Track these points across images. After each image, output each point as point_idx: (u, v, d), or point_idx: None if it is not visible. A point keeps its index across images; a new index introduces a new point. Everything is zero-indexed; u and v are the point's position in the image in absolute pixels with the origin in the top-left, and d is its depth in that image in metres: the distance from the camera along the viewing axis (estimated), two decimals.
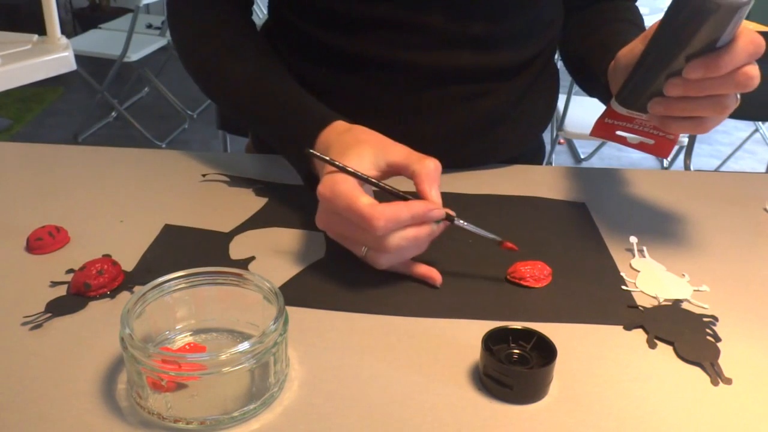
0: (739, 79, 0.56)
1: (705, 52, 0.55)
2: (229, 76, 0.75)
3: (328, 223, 0.58)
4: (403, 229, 0.55)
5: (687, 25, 0.55)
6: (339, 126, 0.65)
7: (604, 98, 0.75)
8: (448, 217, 0.58)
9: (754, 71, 0.56)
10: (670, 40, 0.57)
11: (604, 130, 0.68)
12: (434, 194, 0.57)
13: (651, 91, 0.61)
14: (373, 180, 0.58)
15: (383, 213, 0.53)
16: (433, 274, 0.59)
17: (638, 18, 0.85)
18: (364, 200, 0.54)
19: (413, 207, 0.55)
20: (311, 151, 0.59)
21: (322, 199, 0.57)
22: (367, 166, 0.58)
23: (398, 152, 0.60)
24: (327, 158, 0.58)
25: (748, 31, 0.56)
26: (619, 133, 0.68)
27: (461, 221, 0.59)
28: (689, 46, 0.56)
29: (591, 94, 0.83)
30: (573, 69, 0.87)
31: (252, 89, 0.73)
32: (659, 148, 0.68)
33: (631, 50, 0.63)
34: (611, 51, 0.70)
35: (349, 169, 0.57)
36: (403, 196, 0.58)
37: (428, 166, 0.58)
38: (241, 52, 0.76)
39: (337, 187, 0.56)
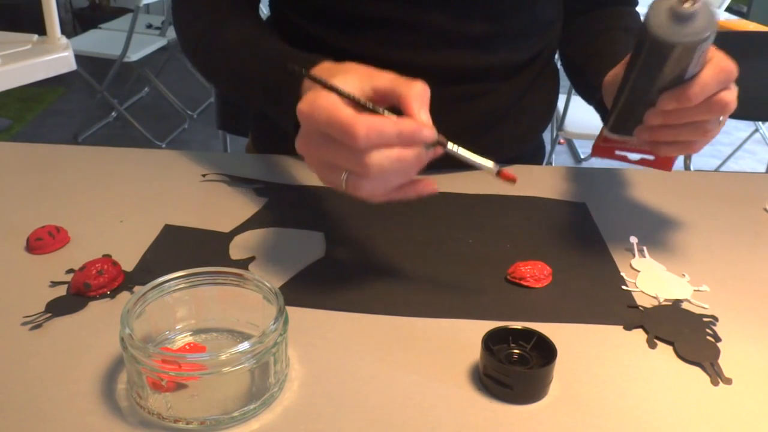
0: (713, 106, 0.56)
1: (675, 83, 0.56)
2: (221, 42, 0.74)
3: (307, 145, 0.53)
4: (388, 148, 0.49)
5: (650, 63, 0.56)
6: (327, 64, 0.60)
7: (600, 112, 0.75)
8: (440, 143, 0.52)
9: (729, 97, 0.56)
10: (638, 76, 0.58)
11: (602, 151, 0.69)
12: (423, 115, 0.52)
13: (635, 119, 0.61)
14: (358, 98, 0.51)
15: (366, 122, 0.47)
16: (426, 183, 0.54)
17: (638, 24, 0.85)
18: (346, 110, 0.49)
19: (401, 123, 0.49)
20: (309, 73, 0.54)
21: (300, 117, 0.51)
22: (352, 90, 0.52)
23: (384, 77, 0.54)
24: (315, 76, 0.52)
25: (718, 58, 0.56)
26: (618, 152, 0.68)
27: (454, 147, 0.53)
28: (657, 80, 0.56)
29: (589, 103, 0.83)
30: (571, 77, 0.88)
31: (242, 49, 0.72)
32: (660, 162, 0.68)
33: (615, 76, 0.63)
34: (606, 63, 0.70)
35: (336, 87, 0.51)
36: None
37: (416, 88, 0.52)
38: (236, 20, 0.76)
39: (317, 101, 0.50)
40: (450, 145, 0.52)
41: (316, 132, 0.51)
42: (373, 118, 0.48)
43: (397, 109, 0.52)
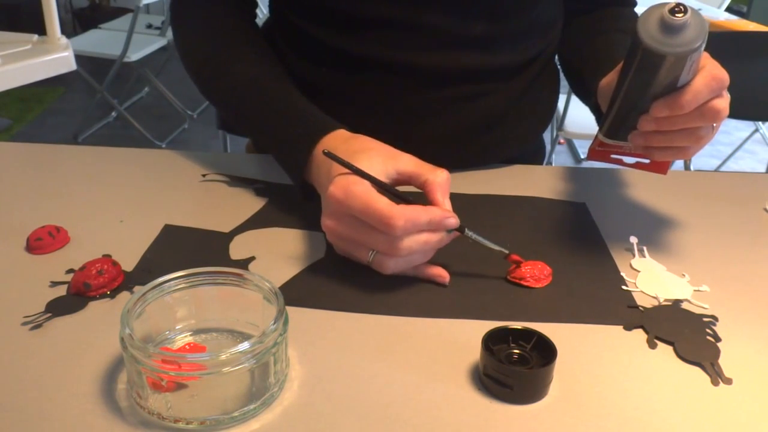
0: (706, 114, 0.57)
1: (668, 91, 0.56)
2: (229, 76, 0.75)
3: (337, 226, 0.57)
4: (417, 233, 0.55)
5: (642, 72, 0.56)
6: (342, 133, 0.64)
7: (595, 115, 0.75)
8: (459, 228, 0.58)
9: (721, 104, 0.57)
10: (631, 84, 0.58)
11: (598, 155, 0.69)
12: (447, 204, 0.58)
13: (629, 125, 0.61)
14: (386, 184, 0.57)
15: (403, 213, 0.53)
16: (441, 272, 0.59)
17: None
18: (381, 200, 0.54)
19: (431, 212, 0.55)
20: (328, 151, 0.58)
21: (332, 200, 0.56)
22: (378, 172, 0.57)
23: (408, 161, 0.60)
24: (341, 159, 0.57)
25: (711, 66, 0.57)
26: (613, 156, 0.68)
27: (471, 233, 0.59)
28: (649, 88, 0.57)
29: (586, 105, 0.84)
30: (569, 78, 0.88)
31: (252, 91, 0.72)
32: (656, 165, 0.68)
33: (609, 81, 0.64)
34: (603, 66, 0.70)
35: (364, 171, 0.56)
36: (416, 203, 0.57)
37: (441, 176, 0.58)
38: (243, 53, 0.76)
39: (352, 187, 0.55)
40: (467, 231, 0.58)
41: (349, 216, 0.56)
42: (408, 209, 0.54)
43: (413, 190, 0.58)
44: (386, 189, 0.57)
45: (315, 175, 0.63)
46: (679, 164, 2.64)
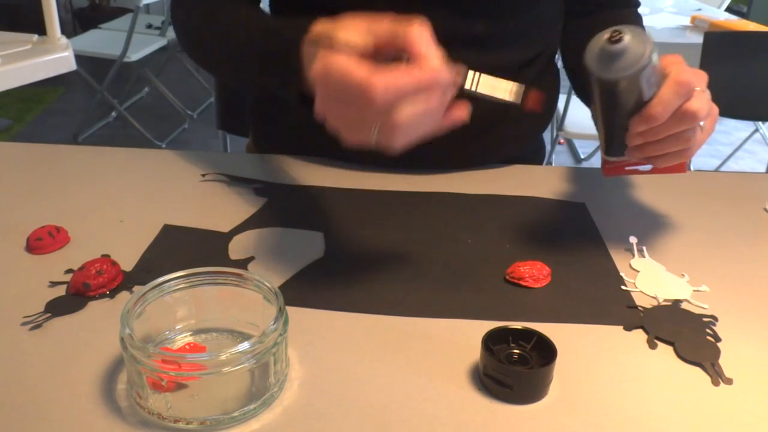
0: (683, 118, 0.57)
1: (639, 106, 0.58)
2: (218, 21, 0.73)
3: (327, 108, 0.51)
4: (412, 100, 0.48)
5: (603, 98, 0.58)
6: (321, 25, 0.57)
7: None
8: (456, 81, 0.51)
9: (694, 106, 0.57)
10: (601, 109, 0.60)
11: (612, 171, 0.70)
12: (432, 56, 0.49)
13: (620, 142, 0.62)
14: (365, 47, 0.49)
15: (383, 80, 0.46)
16: (455, 113, 0.52)
17: (641, 28, 0.85)
18: (360, 69, 0.47)
19: (415, 72, 0.47)
20: (306, 30, 0.53)
21: (316, 81, 0.50)
22: (359, 37, 0.50)
23: (381, 26, 0.51)
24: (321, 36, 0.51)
25: (675, 71, 0.57)
26: (627, 168, 0.69)
27: (472, 81, 0.52)
28: (618, 110, 0.58)
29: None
30: (575, 83, 0.88)
31: (239, 28, 0.70)
32: (671, 167, 0.68)
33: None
34: None
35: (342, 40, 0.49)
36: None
37: (414, 28, 0.50)
38: (233, 5, 0.74)
39: (330, 60, 0.48)
40: (468, 81, 0.51)
41: (333, 93, 0.49)
42: (388, 74, 0.46)
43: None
44: (373, 54, 0.49)
45: (308, 74, 0.57)
46: None
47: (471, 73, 0.51)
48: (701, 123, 0.60)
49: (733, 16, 2.58)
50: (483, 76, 0.52)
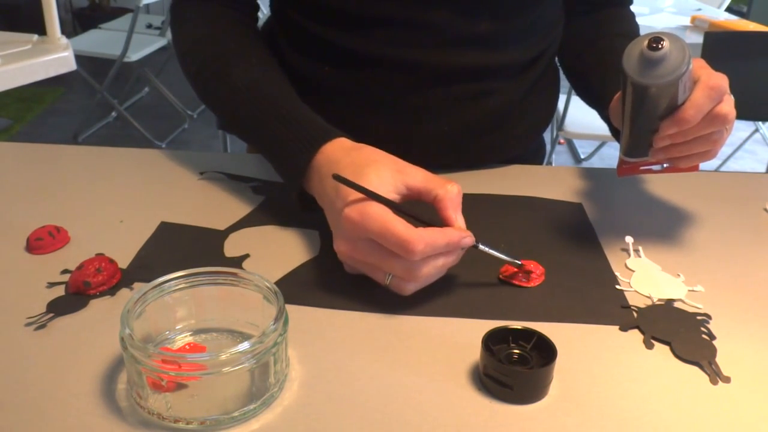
0: (714, 121, 0.59)
1: (670, 110, 0.59)
2: (229, 79, 0.72)
3: (353, 250, 0.55)
4: (435, 257, 0.54)
5: (637, 102, 0.59)
6: (344, 142, 0.62)
7: (609, 126, 0.76)
8: (474, 245, 0.57)
9: (725, 109, 0.59)
10: (632, 112, 0.61)
11: (627, 171, 0.70)
12: (460, 219, 0.56)
13: (645, 144, 0.63)
14: (400, 206, 0.55)
15: (422, 238, 0.51)
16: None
17: (634, 28, 0.87)
18: (399, 224, 0.52)
19: (448, 234, 0.54)
20: (338, 175, 0.56)
21: (347, 223, 0.54)
22: (388, 189, 0.56)
23: (417, 174, 0.58)
24: (352, 182, 0.55)
25: (706, 76, 0.59)
26: (642, 168, 0.69)
27: (484, 247, 0.58)
28: (651, 114, 0.59)
29: (592, 108, 0.85)
30: (574, 83, 0.89)
31: (252, 94, 0.70)
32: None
33: (618, 100, 0.65)
34: (609, 75, 0.73)
35: (377, 194, 0.54)
36: (431, 224, 0.56)
37: (452, 191, 0.56)
38: (244, 57, 0.74)
39: (368, 209, 0.53)
40: (480, 246, 0.58)
41: (365, 239, 0.54)
42: (426, 233, 0.52)
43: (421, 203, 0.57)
44: (401, 210, 0.55)
45: (316, 185, 0.62)
46: None
47: (481, 245, 0.58)
48: (727, 126, 0.61)
49: (733, 16, 2.58)
50: (489, 248, 0.58)
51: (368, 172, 0.56)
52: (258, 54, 0.76)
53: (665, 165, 0.69)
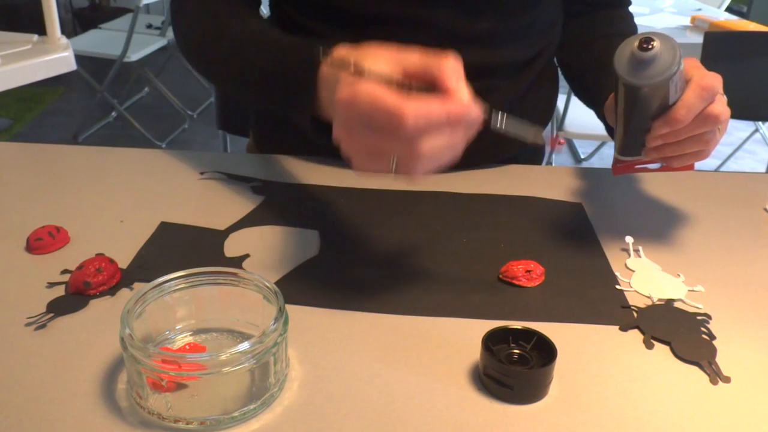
0: (706, 120, 0.59)
1: (663, 109, 0.59)
2: (229, 34, 0.72)
3: (349, 135, 0.50)
4: (438, 133, 0.48)
5: (629, 102, 0.60)
6: (343, 49, 0.56)
7: (605, 125, 0.76)
8: (485, 119, 0.50)
9: (717, 109, 0.59)
10: (625, 112, 0.61)
11: (622, 169, 0.70)
12: (463, 91, 0.49)
13: (638, 143, 0.64)
14: (396, 79, 0.49)
15: (415, 108, 0.46)
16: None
17: (632, 29, 0.87)
18: (391, 96, 0.47)
19: (448, 104, 0.47)
20: (325, 51, 0.52)
21: (340, 105, 0.49)
22: (389, 69, 0.50)
23: (412, 58, 0.51)
24: (346, 60, 0.50)
25: (698, 76, 0.59)
26: (638, 166, 0.69)
27: (498, 120, 0.51)
28: (643, 113, 0.60)
29: (590, 108, 0.84)
30: (571, 82, 0.89)
31: (251, 42, 0.69)
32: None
33: (611, 105, 0.65)
34: (605, 75, 0.72)
35: (370, 70, 0.49)
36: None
37: (448, 63, 0.50)
38: (242, 18, 0.73)
39: (358, 86, 0.48)
40: (494, 120, 0.51)
41: (358, 120, 0.49)
42: (420, 102, 0.46)
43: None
44: (399, 85, 0.49)
45: (324, 97, 0.58)
46: None
47: (496, 112, 0.51)
48: (720, 126, 0.61)
49: (733, 16, 2.58)
50: (507, 115, 0.51)
51: (367, 57, 0.51)
52: (255, 15, 0.76)
53: (662, 164, 0.69)
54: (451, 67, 0.50)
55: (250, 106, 1.00)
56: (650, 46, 0.56)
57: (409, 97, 0.47)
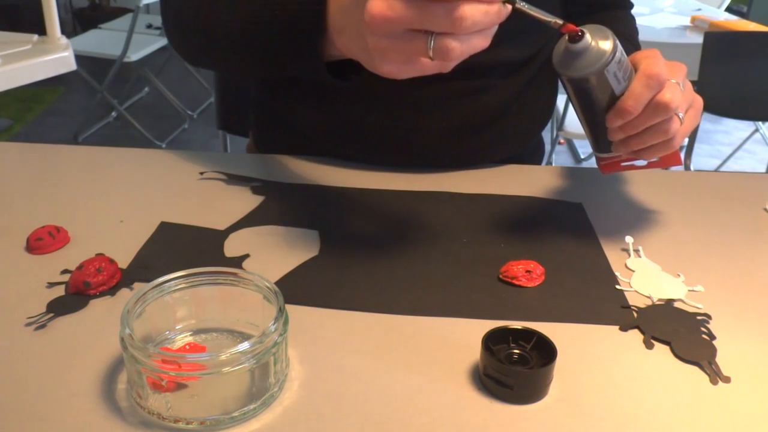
0: (657, 109, 0.58)
1: (613, 101, 0.59)
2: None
3: (388, 8, 0.48)
4: (476, 7, 0.47)
5: (575, 95, 0.60)
6: None
7: None
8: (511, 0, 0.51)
9: (666, 97, 0.58)
10: (577, 106, 0.62)
11: (608, 167, 0.70)
12: None
13: (604, 138, 0.63)
14: None
15: None
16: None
17: (632, 29, 0.87)
18: None
19: None
20: None
21: (376, 18, 0.48)
22: None
23: None
24: None
25: (644, 65, 0.58)
26: (624, 164, 0.69)
27: (522, 3, 0.52)
28: (592, 106, 0.60)
29: None
30: None
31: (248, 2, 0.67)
32: (667, 159, 0.69)
33: None
34: None
35: None
36: None
37: None
38: None
39: None
40: (518, 2, 0.52)
41: (404, 20, 0.48)
42: None
43: None
44: None
45: (337, 22, 0.57)
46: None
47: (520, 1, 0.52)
48: (680, 114, 0.60)
49: (733, 16, 2.58)
50: (529, 6, 0.53)
51: None
52: None
53: (647, 161, 0.69)
54: None
55: (257, 74, 0.93)
56: (579, 38, 0.56)
57: None
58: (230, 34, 0.71)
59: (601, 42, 0.56)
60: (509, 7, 0.52)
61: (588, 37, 0.56)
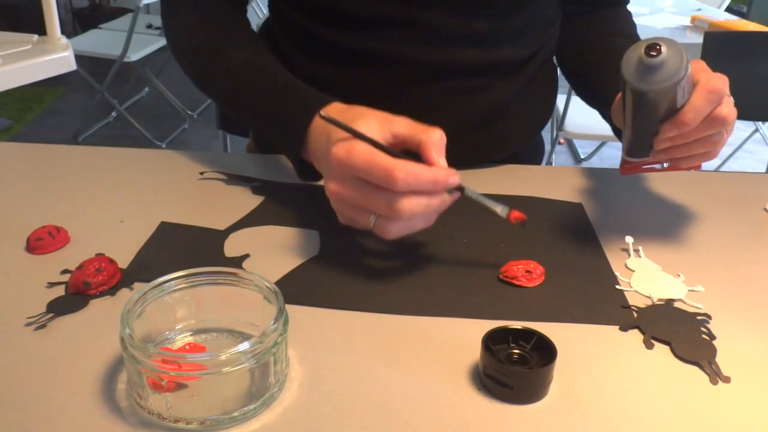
0: (714, 123, 0.60)
1: (671, 113, 0.59)
2: (223, 59, 0.74)
3: (341, 188, 0.56)
4: (419, 194, 0.54)
5: (637, 106, 0.60)
6: (338, 105, 0.64)
7: (611, 126, 0.76)
8: (459, 188, 0.57)
9: (724, 111, 0.59)
10: (633, 116, 0.62)
11: (630, 170, 0.70)
12: (443, 163, 0.56)
13: (646, 145, 0.64)
14: (385, 146, 0.56)
15: (405, 167, 0.52)
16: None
17: (631, 27, 0.87)
18: (385, 156, 0.53)
19: (434, 171, 0.54)
20: (325, 114, 0.57)
21: (335, 161, 0.55)
22: (375, 136, 0.56)
23: (402, 123, 0.58)
24: (340, 122, 0.56)
25: (705, 79, 0.59)
26: (645, 166, 0.70)
27: (471, 192, 0.58)
28: (651, 117, 0.60)
29: (593, 108, 0.85)
30: (574, 83, 0.89)
31: (247, 71, 0.72)
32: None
33: (618, 107, 0.65)
34: (609, 76, 0.74)
35: (363, 134, 0.55)
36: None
37: (434, 135, 0.57)
38: (237, 38, 0.76)
39: (354, 146, 0.54)
40: (467, 191, 0.57)
41: (351, 176, 0.55)
42: (411, 164, 0.53)
43: (414, 154, 0.56)
44: (386, 150, 0.55)
45: (314, 148, 0.63)
46: None
47: (468, 189, 0.58)
48: (726, 128, 0.61)
49: (733, 16, 2.58)
50: (476, 193, 0.59)
51: (357, 123, 0.57)
52: (249, 35, 0.78)
53: (666, 164, 0.69)
54: (436, 140, 0.57)
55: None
56: (657, 52, 0.56)
57: (399, 160, 0.53)
58: (219, 98, 0.79)
59: (676, 58, 0.56)
60: (455, 195, 0.57)
61: (665, 51, 0.56)
